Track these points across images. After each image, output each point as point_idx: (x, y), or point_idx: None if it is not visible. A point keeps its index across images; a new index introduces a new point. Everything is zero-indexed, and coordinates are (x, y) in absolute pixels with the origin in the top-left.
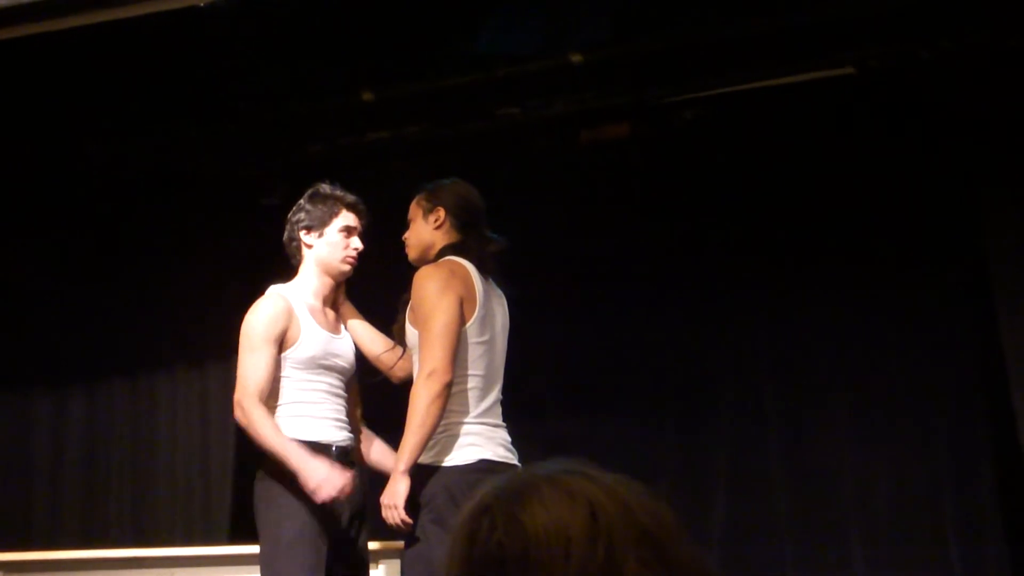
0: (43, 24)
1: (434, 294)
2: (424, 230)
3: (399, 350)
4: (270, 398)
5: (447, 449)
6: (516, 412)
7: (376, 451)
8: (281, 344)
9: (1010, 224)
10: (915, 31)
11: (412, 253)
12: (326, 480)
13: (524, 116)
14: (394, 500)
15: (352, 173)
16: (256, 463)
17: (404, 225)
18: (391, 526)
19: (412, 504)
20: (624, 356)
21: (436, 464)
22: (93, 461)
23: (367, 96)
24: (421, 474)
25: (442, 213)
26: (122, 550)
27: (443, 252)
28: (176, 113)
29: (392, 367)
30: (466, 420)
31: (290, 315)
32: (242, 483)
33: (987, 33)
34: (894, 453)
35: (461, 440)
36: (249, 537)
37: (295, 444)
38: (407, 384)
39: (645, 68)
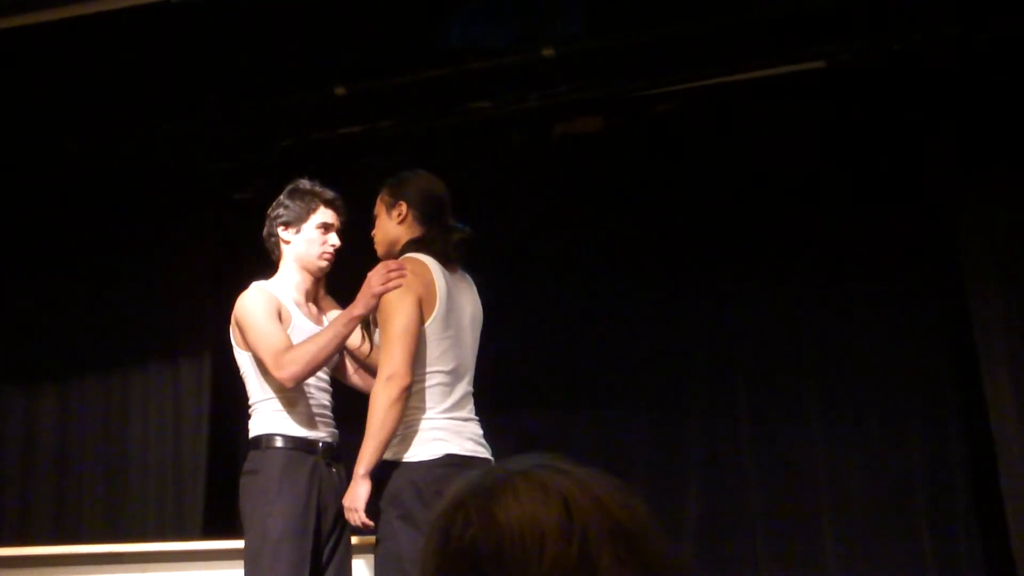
0: (15, 19)
1: (393, 296)
2: (388, 225)
3: (370, 343)
4: (257, 391)
5: (413, 445)
6: (489, 406)
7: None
8: None
9: (981, 219)
10: (886, 25)
11: (379, 249)
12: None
13: (497, 110)
14: (354, 503)
15: (325, 168)
16: (243, 458)
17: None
18: (354, 527)
19: (378, 500)
20: (597, 350)
21: (401, 460)
22: (65, 456)
23: (339, 91)
24: (387, 470)
25: (404, 207)
26: (94, 546)
27: (407, 247)
28: (149, 108)
29: (366, 358)
30: (431, 416)
31: (279, 304)
32: (215, 479)
33: (958, 26)
34: (867, 447)
35: (426, 435)
36: (222, 532)
37: (333, 324)
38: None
39: (618, 62)
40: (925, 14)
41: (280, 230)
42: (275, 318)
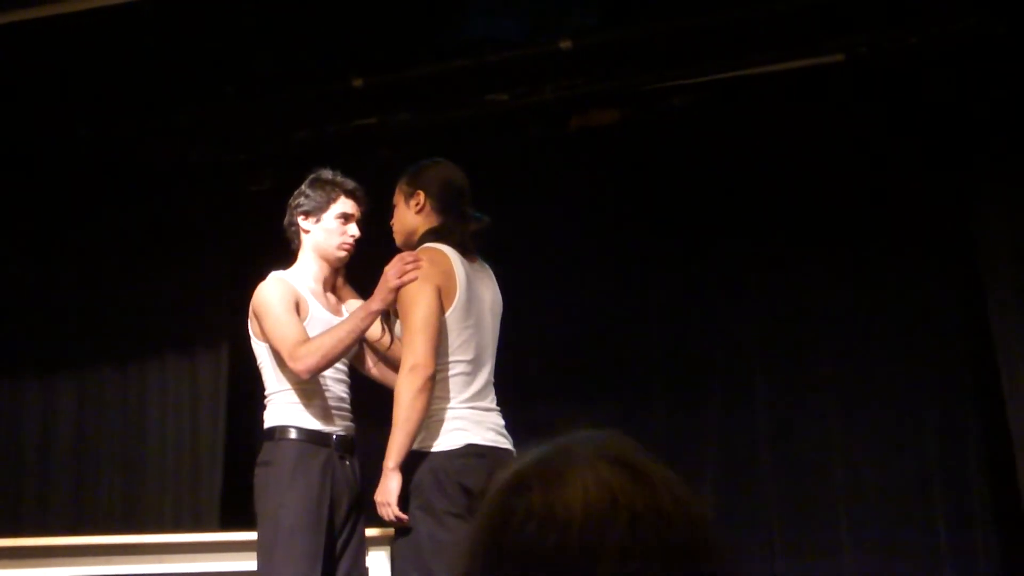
0: (32, 10)
1: (412, 287)
2: (406, 215)
3: (390, 335)
4: (273, 382)
5: (433, 435)
6: (506, 396)
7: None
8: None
9: (998, 212)
10: (904, 17)
11: (398, 239)
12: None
13: (513, 103)
14: (387, 497)
15: (341, 159)
16: (257, 449)
17: (392, 211)
18: (387, 522)
19: (400, 491)
20: (614, 341)
21: (422, 450)
22: (83, 448)
23: (356, 82)
24: (409, 460)
25: (422, 197)
26: (112, 536)
27: (424, 237)
28: (165, 99)
29: (387, 349)
30: (452, 405)
31: (297, 294)
32: (232, 470)
33: (975, 19)
34: (883, 440)
35: (447, 425)
36: (239, 524)
37: (350, 318)
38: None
39: (634, 54)
40: (943, 7)
41: (300, 219)
42: (292, 309)
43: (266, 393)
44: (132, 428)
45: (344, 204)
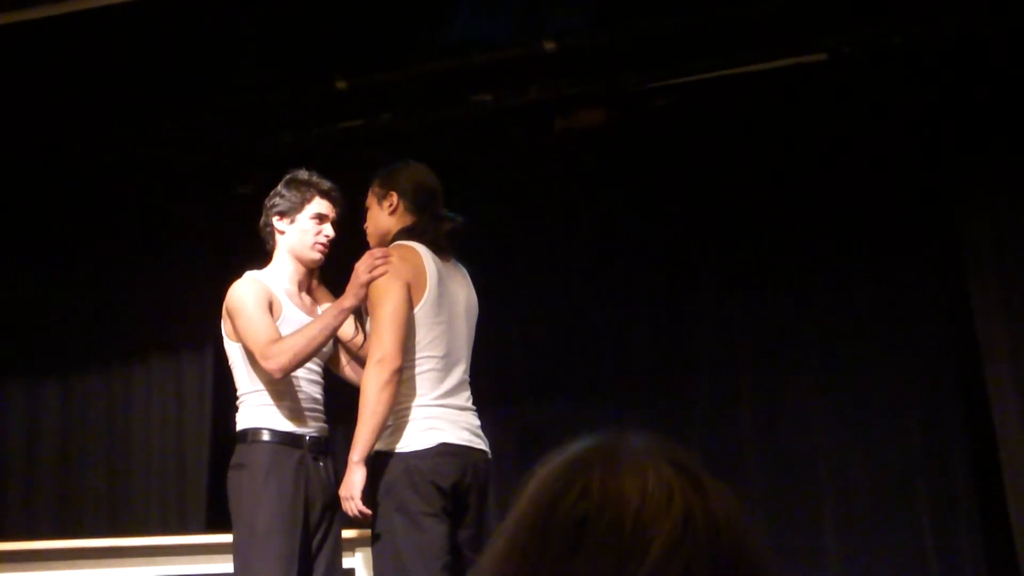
0: (17, 14)
1: (381, 281)
2: (380, 216)
3: (363, 334)
4: (246, 383)
5: (407, 434)
6: (491, 399)
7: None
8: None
9: (982, 208)
10: (887, 17)
11: (372, 241)
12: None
13: (498, 103)
14: (350, 491)
15: (326, 161)
16: (230, 451)
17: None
18: (351, 517)
19: (374, 491)
20: (600, 343)
21: (396, 450)
22: (68, 450)
23: (341, 84)
24: (381, 460)
25: (395, 197)
26: (97, 540)
27: (398, 237)
28: (150, 102)
29: (359, 349)
30: (425, 403)
31: (271, 294)
32: (218, 472)
33: (959, 20)
34: (868, 439)
35: (420, 424)
36: (225, 526)
37: (322, 316)
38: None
39: (619, 55)
40: (926, 7)
41: (275, 220)
42: (265, 309)
43: (238, 394)
44: (118, 431)
45: (319, 204)
